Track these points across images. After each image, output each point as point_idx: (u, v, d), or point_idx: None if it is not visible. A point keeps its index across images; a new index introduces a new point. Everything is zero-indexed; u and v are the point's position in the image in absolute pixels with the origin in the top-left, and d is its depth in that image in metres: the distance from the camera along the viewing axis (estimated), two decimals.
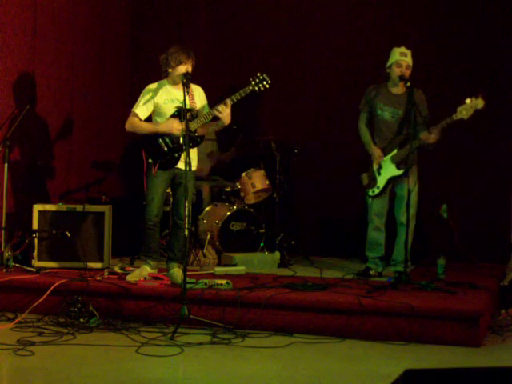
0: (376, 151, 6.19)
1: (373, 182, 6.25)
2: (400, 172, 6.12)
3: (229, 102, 5.65)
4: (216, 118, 5.76)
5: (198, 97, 5.86)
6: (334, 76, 7.92)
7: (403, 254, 5.89)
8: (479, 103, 5.79)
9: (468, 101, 5.79)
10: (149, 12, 8.52)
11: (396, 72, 6.03)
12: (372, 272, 6.23)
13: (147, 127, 5.85)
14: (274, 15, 8.17)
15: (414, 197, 6.11)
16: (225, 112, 5.66)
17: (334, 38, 7.94)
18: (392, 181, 6.19)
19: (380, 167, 6.21)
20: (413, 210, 6.08)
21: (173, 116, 5.81)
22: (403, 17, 7.70)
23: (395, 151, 6.13)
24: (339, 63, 7.91)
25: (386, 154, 6.19)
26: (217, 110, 5.67)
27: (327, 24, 7.98)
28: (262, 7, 8.20)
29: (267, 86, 5.73)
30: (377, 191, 6.24)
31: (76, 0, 7.67)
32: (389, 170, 6.18)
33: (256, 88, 5.71)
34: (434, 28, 7.60)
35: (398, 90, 6.12)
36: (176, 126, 5.74)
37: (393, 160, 6.15)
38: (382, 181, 6.21)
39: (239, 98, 5.68)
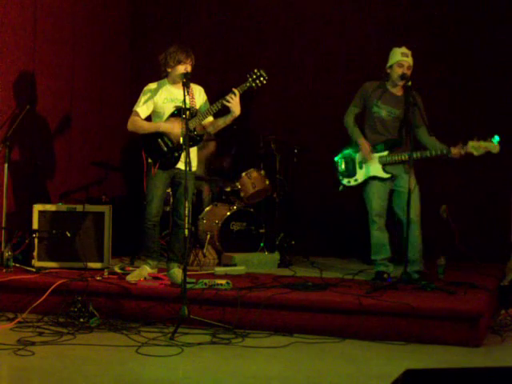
0: (365, 145, 6.07)
1: (351, 171, 6.17)
2: (386, 176, 6.06)
3: (237, 91, 5.62)
4: (225, 112, 5.74)
5: (199, 96, 5.87)
6: (335, 76, 7.92)
7: (416, 253, 5.96)
8: (494, 149, 5.74)
9: (482, 142, 5.73)
10: (149, 12, 8.52)
11: (397, 72, 6.00)
12: (386, 276, 6.08)
13: (149, 126, 5.85)
14: (274, 14, 8.17)
15: (417, 197, 6.04)
16: (234, 101, 5.63)
17: (335, 37, 7.95)
18: (372, 180, 6.10)
19: (364, 161, 6.12)
20: (418, 211, 6.03)
21: (173, 115, 5.81)
22: (404, 16, 7.71)
23: (386, 153, 6.08)
24: (340, 63, 7.92)
25: (375, 151, 6.12)
26: (225, 99, 5.64)
27: (328, 23, 7.98)
28: (262, 7, 8.21)
29: (264, 81, 5.71)
30: (353, 183, 6.15)
31: (77, 1, 7.68)
32: (373, 169, 6.08)
33: (253, 84, 5.68)
34: (434, 29, 7.61)
35: (397, 90, 6.09)
36: (176, 132, 5.73)
37: (380, 161, 6.09)
38: (361, 175, 6.11)
39: (241, 91, 5.67)
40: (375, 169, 6.08)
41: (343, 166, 6.19)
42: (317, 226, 8.02)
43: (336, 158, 6.28)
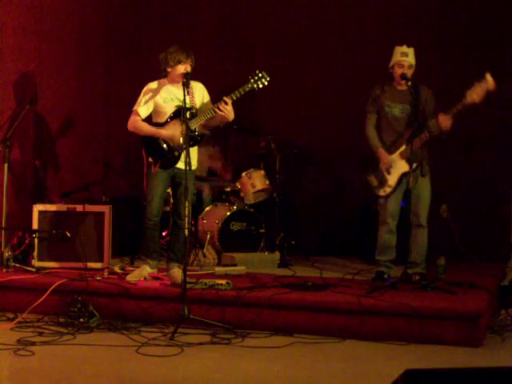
0: (384, 156, 6.05)
1: (383, 181, 6.15)
2: (413, 166, 6.02)
3: (228, 99, 5.64)
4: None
5: (199, 94, 5.86)
6: (335, 76, 7.92)
7: (421, 256, 5.97)
8: (489, 84, 5.62)
9: (476, 83, 5.66)
10: (149, 12, 8.52)
11: (398, 72, 5.99)
12: (386, 276, 6.05)
13: (149, 130, 5.84)
14: (275, 15, 8.17)
15: (427, 201, 6.04)
16: (225, 110, 5.65)
17: (335, 37, 7.95)
18: (404, 178, 6.06)
19: (389, 166, 6.11)
20: (426, 215, 6.03)
21: (174, 117, 5.79)
22: (404, 15, 7.70)
23: (403, 147, 6.04)
24: (340, 63, 7.92)
25: (393, 152, 6.10)
26: (217, 108, 5.66)
27: (328, 24, 7.98)
28: (262, 7, 8.21)
29: (266, 83, 5.72)
30: (388, 190, 6.09)
31: (77, 0, 7.68)
32: (399, 167, 6.03)
33: (255, 85, 5.70)
34: (434, 25, 7.61)
35: (403, 86, 6.07)
36: (178, 138, 5.72)
37: (402, 156, 6.05)
38: (393, 179, 6.06)
39: (239, 95, 5.67)
40: (401, 166, 6.03)
41: (376, 182, 6.16)
42: (317, 226, 8.02)
43: (367, 177, 6.23)
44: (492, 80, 5.65)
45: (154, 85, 5.88)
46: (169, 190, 6.22)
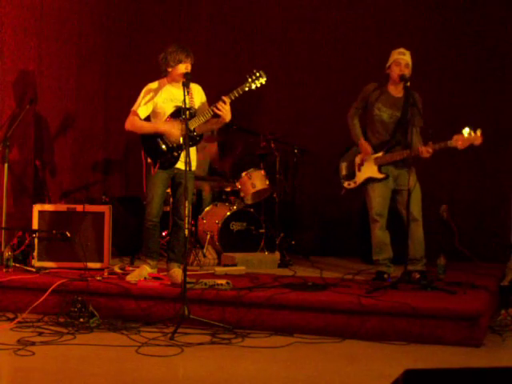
0: (365, 145, 6.10)
1: (350, 174, 6.19)
2: (380, 176, 6.06)
3: (226, 99, 5.64)
4: (217, 116, 5.75)
5: (197, 95, 5.86)
6: (335, 75, 7.92)
7: (419, 252, 5.97)
8: (477, 140, 5.72)
9: (465, 132, 5.72)
10: (148, 12, 8.52)
11: (395, 71, 5.98)
12: (386, 276, 6.05)
13: (147, 126, 5.84)
14: (275, 14, 8.17)
15: (419, 196, 6.05)
16: (223, 109, 5.66)
17: (335, 37, 7.94)
18: (370, 181, 6.10)
19: (362, 164, 6.15)
20: (420, 210, 6.04)
21: (173, 116, 5.80)
22: (404, 17, 7.71)
23: (380, 154, 6.08)
24: (340, 63, 7.92)
25: (372, 153, 6.13)
26: (215, 107, 5.67)
27: (328, 24, 7.97)
28: (262, 6, 8.20)
29: (264, 82, 5.73)
30: (352, 185, 6.16)
31: (77, 0, 7.68)
32: (369, 170, 6.09)
33: (253, 85, 5.70)
34: (435, 31, 7.60)
35: (398, 92, 6.07)
36: (175, 133, 5.72)
37: (375, 161, 6.09)
38: (359, 178, 6.13)
39: (237, 95, 5.68)
40: (371, 171, 6.09)
41: (344, 171, 6.21)
42: (317, 226, 8.02)
43: (339, 163, 6.29)
44: (481, 138, 5.73)
45: (154, 85, 5.88)
46: (168, 190, 6.22)
